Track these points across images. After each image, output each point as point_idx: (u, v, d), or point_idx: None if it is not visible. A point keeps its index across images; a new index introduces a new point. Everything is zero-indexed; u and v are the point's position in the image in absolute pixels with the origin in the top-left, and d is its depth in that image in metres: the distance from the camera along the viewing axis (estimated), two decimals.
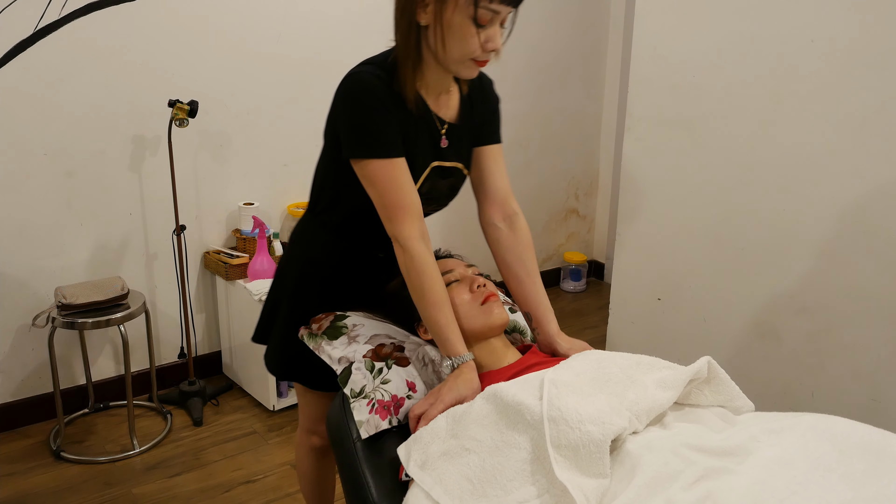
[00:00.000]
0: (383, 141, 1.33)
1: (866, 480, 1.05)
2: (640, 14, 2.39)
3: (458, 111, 1.47)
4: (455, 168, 1.49)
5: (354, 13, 3.08)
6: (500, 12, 1.26)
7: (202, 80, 2.77)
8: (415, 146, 1.40)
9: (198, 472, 2.43)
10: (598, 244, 4.43)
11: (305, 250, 1.56)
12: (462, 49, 1.29)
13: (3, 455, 2.50)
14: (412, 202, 1.34)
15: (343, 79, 1.37)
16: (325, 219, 1.53)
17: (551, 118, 3.96)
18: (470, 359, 1.33)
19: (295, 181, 3.11)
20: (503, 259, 1.55)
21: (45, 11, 2.42)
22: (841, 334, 2.04)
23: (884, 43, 1.84)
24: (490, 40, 1.28)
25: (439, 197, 1.51)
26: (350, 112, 1.35)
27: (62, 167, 2.57)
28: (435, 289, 1.33)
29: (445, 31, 1.28)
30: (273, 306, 1.61)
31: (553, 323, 1.51)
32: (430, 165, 1.44)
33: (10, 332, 2.59)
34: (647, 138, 2.45)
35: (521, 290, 1.54)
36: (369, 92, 1.33)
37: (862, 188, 1.94)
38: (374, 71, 1.35)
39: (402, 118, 1.37)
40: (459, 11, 1.25)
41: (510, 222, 1.55)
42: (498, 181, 1.55)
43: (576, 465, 1.10)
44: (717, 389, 1.31)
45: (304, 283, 1.55)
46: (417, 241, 1.33)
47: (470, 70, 1.34)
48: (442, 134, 1.44)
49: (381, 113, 1.33)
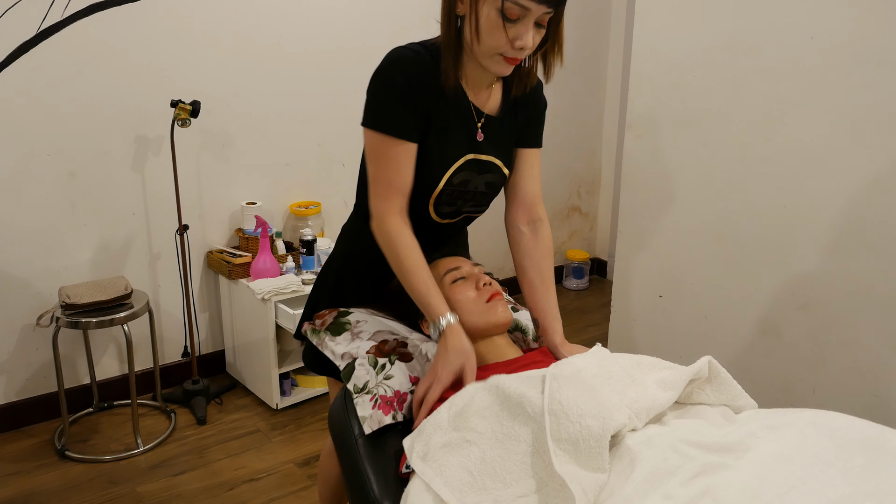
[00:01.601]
0: (397, 119, 1.33)
1: (865, 475, 1.05)
2: (641, 12, 2.39)
3: (499, 106, 1.46)
4: (492, 163, 1.47)
5: (356, 13, 3.09)
6: (531, 10, 1.24)
7: (204, 80, 2.78)
8: (447, 133, 1.39)
9: (201, 470, 2.44)
10: (600, 242, 4.43)
11: (349, 247, 1.58)
12: (490, 43, 1.28)
13: (8, 454, 2.51)
14: (403, 184, 1.36)
15: (388, 52, 1.36)
16: (366, 216, 1.53)
17: (553, 116, 3.92)
18: (455, 320, 1.33)
19: (297, 180, 3.12)
20: (520, 262, 1.56)
21: (48, 12, 2.43)
22: (842, 330, 2.04)
23: (883, 39, 1.84)
24: (519, 38, 1.26)
25: (476, 194, 1.48)
26: (377, 84, 1.35)
27: (66, 168, 2.58)
28: (411, 256, 1.35)
29: (478, 22, 1.27)
30: (315, 303, 1.61)
31: (558, 333, 1.50)
32: (466, 157, 1.42)
33: (15, 332, 2.60)
34: (647, 136, 2.45)
35: (533, 295, 1.54)
36: (402, 70, 1.33)
37: (862, 184, 1.94)
38: (419, 50, 1.35)
39: (436, 103, 1.36)
40: (489, 3, 1.25)
41: (534, 227, 1.56)
42: (529, 185, 1.55)
43: (575, 458, 1.11)
44: (719, 389, 1.31)
45: (344, 279, 1.56)
46: (394, 216, 1.36)
47: (499, 66, 1.32)
48: (478, 126, 1.43)
49: (406, 93, 1.33)
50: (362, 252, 1.53)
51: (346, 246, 1.58)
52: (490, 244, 3.82)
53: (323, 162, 3.17)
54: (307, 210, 3.05)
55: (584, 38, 3.98)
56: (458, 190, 1.44)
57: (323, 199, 3.18)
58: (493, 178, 1.49)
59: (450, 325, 1.32)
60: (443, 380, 1.28)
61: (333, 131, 3.14)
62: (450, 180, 1.42)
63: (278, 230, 3.04)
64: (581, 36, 3.95)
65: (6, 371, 2.62)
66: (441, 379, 1.28)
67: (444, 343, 1.31)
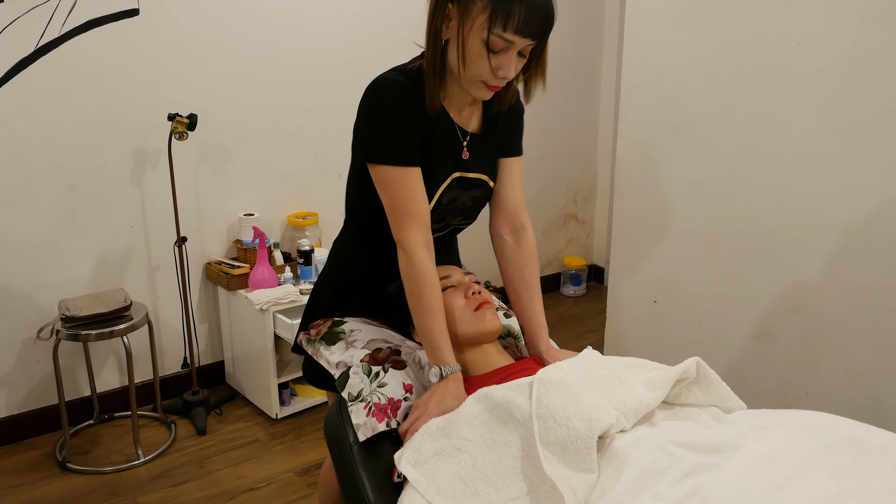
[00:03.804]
0: (401, 148, 1.35)
1: (851, 474, 1.07)
2: (631, 21, 2.42)
3: (480, 122, 1.48)
4: (479, 179, 1.49)
5: (350, 27, 3.13)
6: (515, 42, 1.26)
7: (201, 93, 2.81)
8: (435, 156, 1.41)
9: (202, 480, 2.46)
10: (597, 249, 4.45)
11: (341, 263, 1.59)
12: (474, 71, 1.30)
13: (10, 467, 2.53)
14: (421, 210, 1.36)
15: (369, 84, 1.38)
16: (358, 231, 1.55)
17: (549, 125, 3.99)
18: (458, 370, 1.34)
19: (294, 192, 3.14)
20: (505, 271, 1.57)
21: (46, 29, 2.46)
22: (834, 333, 2.06)
23: (867, 45, 1.87)
24: (502, 68, 1.28)
25: (464, 209, 1.51)
26: (371, 117, 1.37)
27: (65, 182, 2.61)
28: (433, 296, 1.35)
29: (462, 49, 1.29)
30: (311, 317, 1.62)
31: (544, 340, 1.51)
32: (452, 176, 1.45)
33: (16, 345, 2.62)
34: (639, 143, 2.47)
35: (518, 303, 1.55)
36: (392, 98, 1.34)
37: (850, 188, 1.96)
38: (400, 78, 1.36)
39: (424, 127, 1.38)
40: (474, 34, 1.26)
41: (517, 235, 1.57)
42: (510, 193, 1.55)
43: (564, 460, 1.13)
44: (708, 390, 1.32)
45: (339, 295, 1.57)
46: (422, 248, 1.35)
47: (481, 92, 1.35)
48: (464, 145, 1.45)
49: (401, 120, 1.35)
50: (356, 269, 1.55)
51: (338, 262, 1.60)
52: (486, 253, 3.85)
53: (319, 173, 3.19)
54: (304, 221, 3.07)
55: (579, 49, 4.01)
56: (447, 208, 1.47)
57: (320, 209, 3.21)
58: (480, 193, 1.52)
59: (455, 374, 1.33)
60: (432, 414, 1.28)
61: (329, 142, 3.17)
62: (439, 200, 1.45)
63: (276, 241, 3.07)
64: (575, 45, 3.98)
65: (7, 384, 2.63)
66: (431, 413, 1.28)
67: (445, 386, 1.32)
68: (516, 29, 1.24)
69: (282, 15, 2.94)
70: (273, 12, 2.91)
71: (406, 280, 1.36)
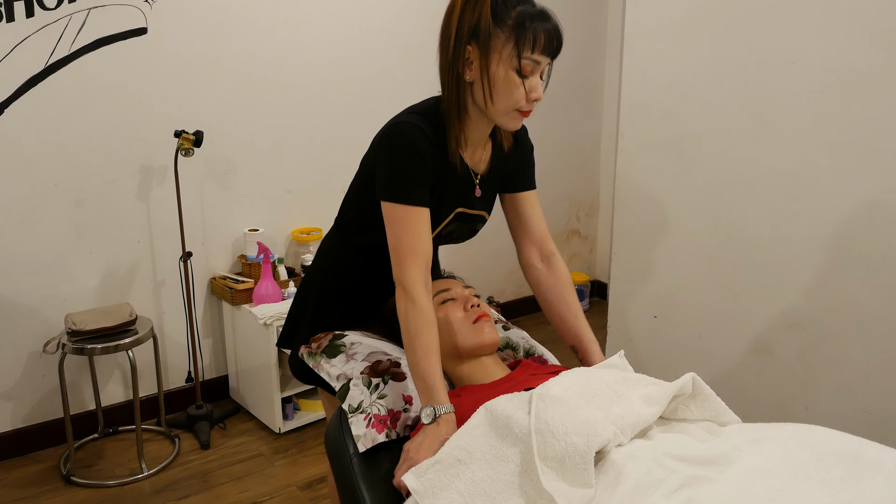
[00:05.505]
0: (414, 191, 1.38)
1: (844, 486, 1.08)
2: (629, 39, 2.45)
3: (489, 164, 1.54)
4: (479, 215, 1.56)
5: (353, 46, 3.17)
6: (541, 63, 1.34)
7: (207, 111, 2.85)
8: (446, 195, 1.46)
9: (205, 494, 2.47)
10: (600, 264, 4.46)
11: (330, 263, 1.64)
12: (508, 100, 1.35)
13: (15, 480, 2.54)
14: (425, 251, 1.39)
15: (388, 125, 1.43)
16: (350, 237, 1.59)
17: (552, 141, 4.02)
18: (451, 411, 1.32)
19: (298, 207, 3.17)
20: (544, 297, 1.62)
21: (56, 47, 2.51)
22: (832, 348, 2.07)
23: (861, 64, 1.90)
24: (533, 90, 1.35)
25: (460, 238, 1.59)
26: (389, 159, 1.40)
27: (72, 197, 2.65)
28: (432, 337, 1.35)
29: (492, 84, 1.34)
30: (297, 314, 1.68)
31: (597, 354, 1.55)
32: (455, 211, 1.50)
33: (22, 359, 2.65)
34: (638, 160, 2.50)
35: (564, 326, 1.59)
36: (410, 143, 1.38)
37: (845, 204, 1.98)
38: (419, 122, 1.40)
39: (439, 170, 1.43)
40: (503, 64, 1.32)
41: (548, 262, 1.62)
42: (536, 224, 1.62)
43: (562, 475, 1.14)
44: (703, 405, 1.34)
45: (326, 293, 1.62)
46: (422, 287, 1.37)
47: (515, 121, 1.40)
48: (476, 184, 1.51)
49: (417, 165, 1.39)
50: (344, 270, 1.60)
51: (325, 261, 1.65)
52: (490, 268, 3.87)
53: (324, 189, 3.22)
54: (308, 236, 3.10)
55: (581, 65, 4.05)
56: (445, 238, 1.54)
57: (324, 225, 3.23)
58: (476, 226, 1.59)
59: (448, 415, 1.31)
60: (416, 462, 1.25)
61: (333, 158, 3.21)
62: (439, 234, 1.51)
63: (280, 256, 3.09)
64: (578, 62, 4.02)
65: (13, 398, 2.66)
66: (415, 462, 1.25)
67: (436, 430, 1.29)
68: (543, 49, 1.32)
69: (287, 34, 2.98)
70: (278, 31, 2.95)
71: (404, 318, 1.36)
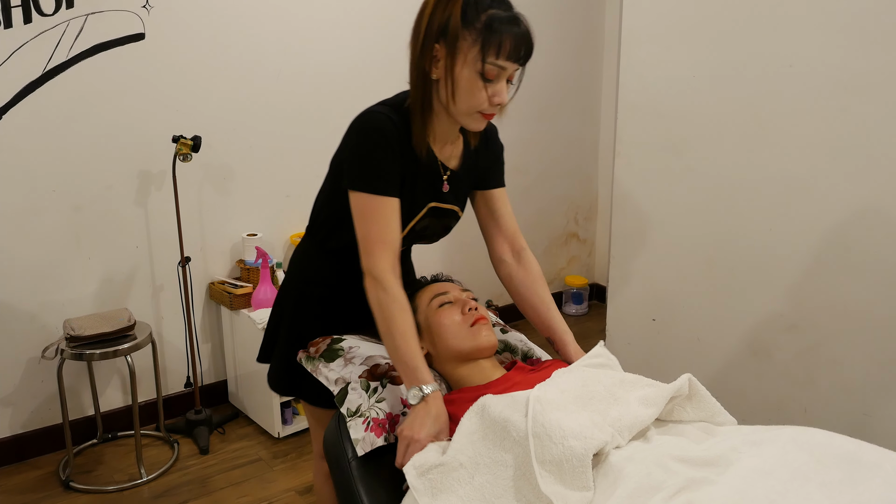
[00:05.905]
0: (382, 180, 1.39)
1: (843, 489, 1.08)
2: (627, 43, 2.46)
3: (460, 160, 1.55)
4: (451, 210, 1.56)
5: (350, 51, 3.18)
6: (507, 68, 1.34)
7: (205, 116, 2.85)
8: (417, 188, 1.47)
9: (204, 499, 2.47)
10: (599, 267, 4.47)
11: (304, 271, 1.63)
12: (470, 102, 1.36)
13: (14, 486, 2.54)
14: (393, 239, 1.40)
15: (358, 115, 1.44)
16: (323, 242, 1.59)
17: (550, 144, 4.03)
18: (436, 388, 1.33)
19: (296, 212, 3.18)
20: (517, 292, 1.64)
21: (54, 53, 2.51)
22: (830, 350, 2.07)
23: (858, 67, 1.90)
24: (497, 94, 1.35)
25: (433, 235, 1.60)
26: (357, 146, 1.41)
27: (70, 202, 2.65)
28: (407, 321, 1.36)
29: (455, 85, 1.35)
30: (275, 326, 1.68)
31: (571, 344, 1.58)
32: (428, 206, 1.51)
33: (21, 365, 2.65)
34: (636, 163, 2.51)
35: (538, 318, 1.62)
36: (379, 132, 1.39)
37: (843, 207, 1.99)
38: (389, 113, 1.42)
39: (408, 162, 1.43)
40: (468, 66, 1.33)
41: (518, 257, 1.64)
42: (508, 220, 1.65)
43: (560, 479, 1.14)
44: (699, 406, 1.34)
45: (302, 302, 1.61)
46: (391, 274, 1.37)
47: (477, 122, 1.41)
48: (444, 180, 1.52)
49: (385, 153, 1.39)
50: (319, 278, 1.60)
51: (300, 269, 1.64)
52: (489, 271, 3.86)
53: None
54: None
55: (579, 69, 4.06)
56: (419, 234, 1.54)
57: None
58: (449, 222, 1.59)
59: (434, 393, 1.32)
60: (422, 443, 1.28)
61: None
62: (413, 228, 1.51)
63: (279, 261, 3.10)
64: (576, 67, 4.03)
65: (12, 403, 2.65)
66: (420, 442, 1.28)
67: (426, 408, 1.30)
68: (508, 55, 1.32)
69: (285, 39, 2.99)
70: (276, 36, 2.96)
71: (377, 306, 1.37)
